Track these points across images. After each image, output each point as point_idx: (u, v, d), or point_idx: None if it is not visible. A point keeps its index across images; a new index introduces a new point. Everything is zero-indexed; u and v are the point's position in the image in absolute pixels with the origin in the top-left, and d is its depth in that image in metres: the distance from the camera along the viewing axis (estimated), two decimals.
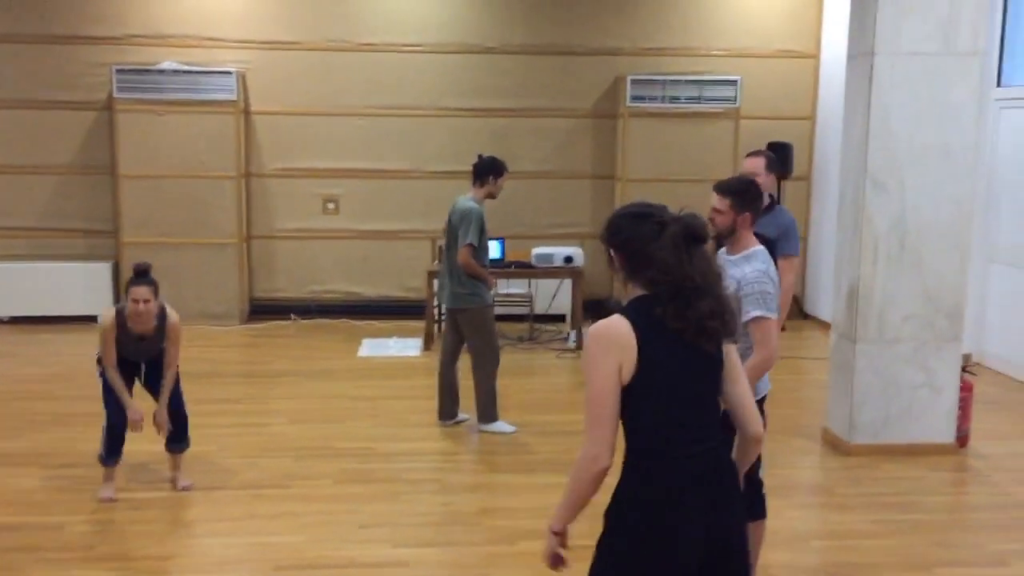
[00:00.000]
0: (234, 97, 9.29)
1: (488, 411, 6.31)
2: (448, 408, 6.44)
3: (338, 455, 5.82)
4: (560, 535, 2.58)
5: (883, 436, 5.97)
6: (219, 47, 9.48)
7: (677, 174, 9.48)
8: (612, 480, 2.53)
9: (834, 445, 6.10)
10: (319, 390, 7.31)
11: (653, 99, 9.59)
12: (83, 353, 5.18)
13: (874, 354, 5.94)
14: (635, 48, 9.82)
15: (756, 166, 5.17)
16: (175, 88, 9.22)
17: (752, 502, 3.99)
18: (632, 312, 2.48)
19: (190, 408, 5.30)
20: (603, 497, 2.54)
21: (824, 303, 9.54)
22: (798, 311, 10.14)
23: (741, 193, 3.92)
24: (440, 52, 9.71)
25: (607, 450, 2.41)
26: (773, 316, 3.70)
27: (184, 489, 5.21)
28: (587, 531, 2.67)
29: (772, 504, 4.72)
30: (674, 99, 9.60)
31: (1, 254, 9.53)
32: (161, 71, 9.22)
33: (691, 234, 2.47)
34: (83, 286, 9.46)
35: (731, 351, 2.58)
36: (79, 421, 6.17)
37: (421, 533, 4.74)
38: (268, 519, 4.88)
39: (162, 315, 4.99)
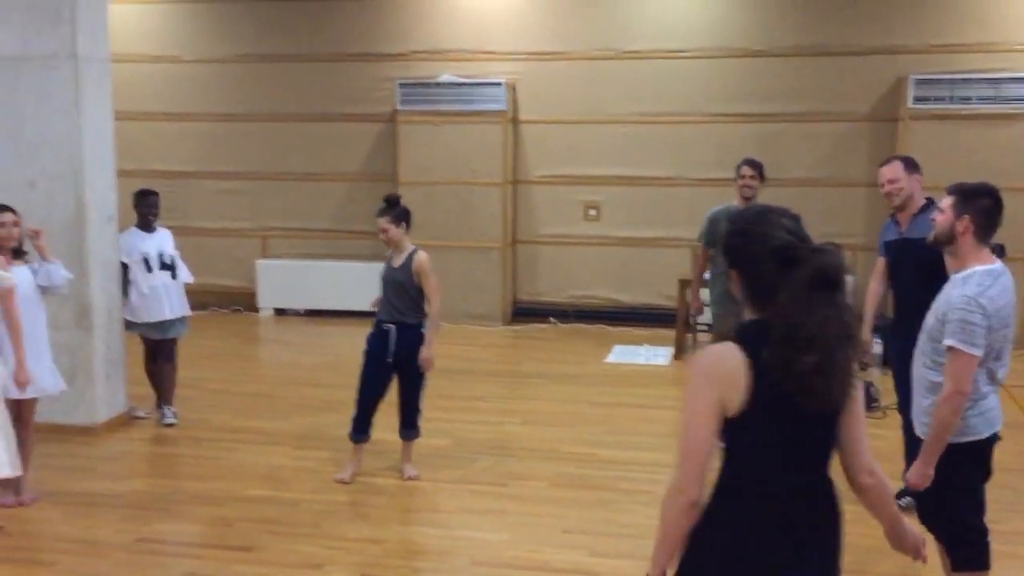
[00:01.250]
0: (504, 107, 9.68)
1: None
2: None
3: (559, 458, 5.90)
4: None
5: None
6: (491, 59, 9.91)
7: (965, 181, 8.62)
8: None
9: None
10: (560, 393, 7.43)
11: (940, 100, 8.83)
12: (357, 346, 5.61)
13: None
14: (921, 45, 9.07)
15: (894, 172, 4.78)
16: (450, 99, 9.76)
17: (968, 551, 3.58)
18: (751, 340, 2.26)
19: (438, 403, 5.62)
20: None
21: None
22: None
23: (967, 194, 3.50)
24: (705, 57, 9.52)
25: (695, 484, 2.26)
26: (969, 350, 3.27)
27: (410, 479, 5.52)
28: None
29: (1010, 552, 4.21)
30: (964, 99, 8.77)
31: (300, 252, 10.59)
32: (439, 84, 9.80)
33: (822, 277, 2.20)
34: (368, 284, 10.19)
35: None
36: (337, 408, 6.66)
37: (621, 544, 4.69)
38: (477, 515, 5.05)
39: (412, 252, 5.46)
